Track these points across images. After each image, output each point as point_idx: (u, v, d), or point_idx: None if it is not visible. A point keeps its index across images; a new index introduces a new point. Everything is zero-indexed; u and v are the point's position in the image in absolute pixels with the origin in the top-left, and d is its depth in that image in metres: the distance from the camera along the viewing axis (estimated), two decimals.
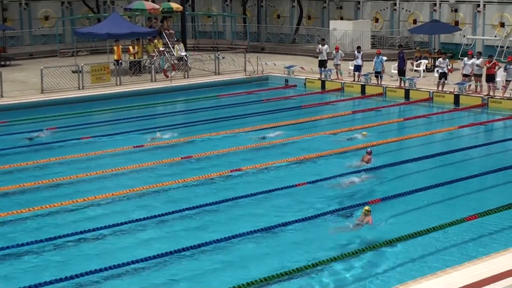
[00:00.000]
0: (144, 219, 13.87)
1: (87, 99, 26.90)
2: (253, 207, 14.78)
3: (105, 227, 13.36)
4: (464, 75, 26.40)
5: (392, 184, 16.22)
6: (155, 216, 13.98)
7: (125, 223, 13.60)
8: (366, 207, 13.58)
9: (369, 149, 17.89)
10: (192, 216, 14.22)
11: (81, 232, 13.12)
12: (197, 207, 14.50)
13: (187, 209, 14.41)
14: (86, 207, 14.85)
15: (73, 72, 28.75)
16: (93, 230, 13.22)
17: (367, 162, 17.49)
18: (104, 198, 15.25)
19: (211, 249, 12.44)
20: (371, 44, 37.33)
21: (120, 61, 30.18)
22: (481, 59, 26.07)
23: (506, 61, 25.58)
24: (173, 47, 33.28)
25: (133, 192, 15.64)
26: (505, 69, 25.05)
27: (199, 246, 12.43)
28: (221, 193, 15.51)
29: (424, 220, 13.65)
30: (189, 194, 15.80)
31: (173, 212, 14.23)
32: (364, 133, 20.77)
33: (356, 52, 29.45)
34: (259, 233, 13.08)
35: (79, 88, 27.97)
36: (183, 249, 12.26)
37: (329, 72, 29.80)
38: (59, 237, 12.87)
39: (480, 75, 25.81)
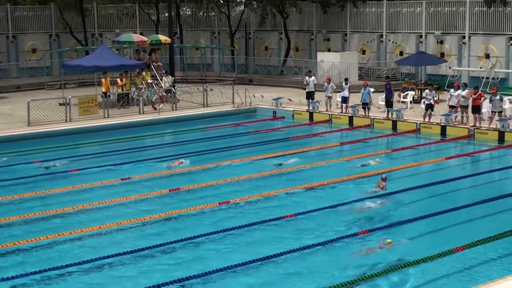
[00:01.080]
0: (133, 252, 13.76)
1: (74, 131, 26.78)
2: (236, 241, 14.72)
3: (93, 260, 13.24)
4: (451, 107, 26.59)
5: (379, 215, 16.17)
6: (143, 249, 13.87)
7: (113, 256, 13.49)
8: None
9: (384, 175, 18.56)
10: (181, 248, 14.14)
11: (67, 266, 12.99)
12: (185, 239, 14.45)
13: (176, 241, 14.35)
14: (74, 240, 14.72)
15: (60, 104, 28.72)
16: (79, 263, 13.10)
17: (382, 188, 18.10)
18: (91, 231, 15.13)
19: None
20: (359, 76, 37.62)
21: (108, 93, 30.20)
22: (466, 91, 26.30)
23: (491, 92, 25.79)
24: (161, 79, 33.41)
25: (121, 224, 15.53)
26: (491, 101, 25.27)
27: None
28: (210, 225, 15.44)
29: (411, 252, 13.59)
30: (178, 226, 15.72)
31: (161, 245, 14.14)
32: (377, 160, 21.32)
33: (343, 83, 29.65)
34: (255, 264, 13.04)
35: (66, 121, 27.89)
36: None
37: (317, 103, 29.93)
38: (44, 270, 12.74)
39: (466, 106, 26.02)
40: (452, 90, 26.88)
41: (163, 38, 35.52)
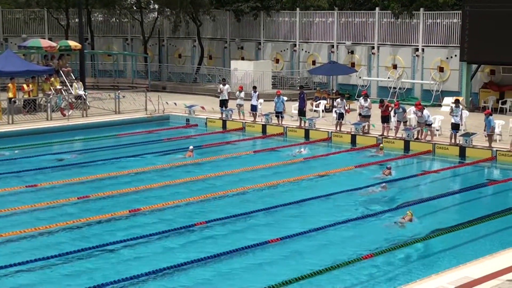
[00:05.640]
0: (34, 260, 13.33)
1: None
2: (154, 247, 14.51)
3: None
4: (360, 115, 27.21)
5: (289, 225, 16.20)
6: (44, 258, 13.49)
7: (13, 265, 13.09)
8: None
9: (388, 165, 21.31)
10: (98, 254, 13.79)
11: None
12: (97, 246, 14.13)
13: (97, 246, 14.12)
14: None
15: None
16: None
17: (387, 175, 20.84)
18: None
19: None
20: (272, 84, 37.96)
21: (13, 99, 29.14)
22: (368, 101, 26.98)
23: (394, 106, 26.36)
24: (71, 86, 32.59)
25: (24, 233, 15.05)
26: (394, 114, 26.00)
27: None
28: (122, 232, 15.18)
29: (318, 262, 13.63)
30: (89, 233, 15.38)
31: (74, 252, 13.87)
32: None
33: (252, 92, 29.85)
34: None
35: None
36: None
37: (230, 111, 29.95)
38: None
39: (369, 116, 26.68)
40: (361, 98, 27.55)
41: (72, 43, 34.66)
